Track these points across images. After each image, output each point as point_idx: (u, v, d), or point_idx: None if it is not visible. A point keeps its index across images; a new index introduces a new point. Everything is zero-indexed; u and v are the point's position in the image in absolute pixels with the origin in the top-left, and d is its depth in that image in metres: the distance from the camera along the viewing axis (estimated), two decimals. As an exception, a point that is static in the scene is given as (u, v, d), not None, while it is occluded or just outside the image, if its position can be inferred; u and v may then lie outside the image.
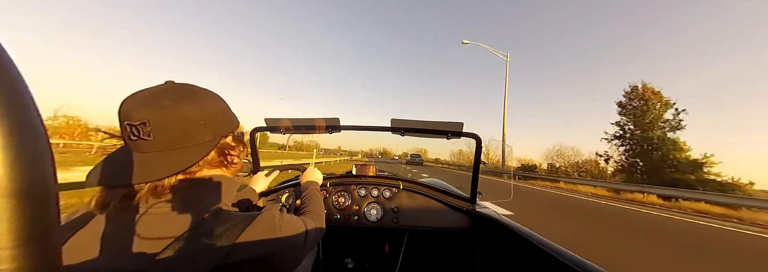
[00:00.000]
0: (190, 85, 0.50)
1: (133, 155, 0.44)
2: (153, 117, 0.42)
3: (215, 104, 0.50)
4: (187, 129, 0.45)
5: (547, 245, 0.83)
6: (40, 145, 0.20)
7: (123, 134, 0.45)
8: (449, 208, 1.41)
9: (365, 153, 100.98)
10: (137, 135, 0.43)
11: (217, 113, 0.50)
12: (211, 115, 0.48)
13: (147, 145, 0.43)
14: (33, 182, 0.19)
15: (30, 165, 0.19)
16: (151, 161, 0.43)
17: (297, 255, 0.51)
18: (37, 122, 0.20)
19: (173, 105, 0.44)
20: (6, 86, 0.19)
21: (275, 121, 1.33)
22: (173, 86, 0.47)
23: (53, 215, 0.21)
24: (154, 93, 0.45)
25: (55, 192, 0.21)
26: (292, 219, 0.54)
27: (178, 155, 0.45)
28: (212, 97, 0.51)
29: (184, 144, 0.45)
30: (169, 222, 0.42)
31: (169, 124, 0.43)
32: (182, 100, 0.45)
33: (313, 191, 0.87)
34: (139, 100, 0.43)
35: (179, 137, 0.45)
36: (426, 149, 67.28)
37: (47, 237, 0.20)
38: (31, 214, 0.19)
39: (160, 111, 0.43)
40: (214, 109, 0.50)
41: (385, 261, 1.71)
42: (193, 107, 0.46)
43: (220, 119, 0.51)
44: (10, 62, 0.19)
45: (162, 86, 0.47)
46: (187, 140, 0.45)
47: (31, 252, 0.19)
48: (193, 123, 0.46)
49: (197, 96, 0.48)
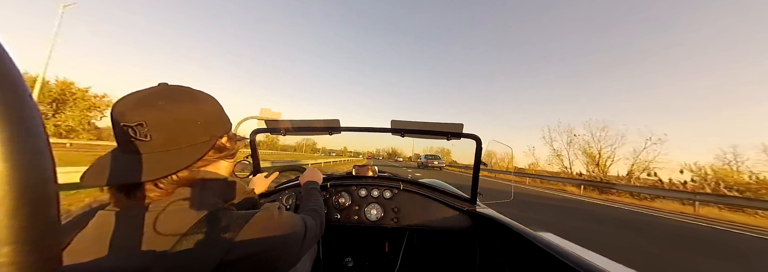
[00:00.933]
0: (184, 86, 0.50)
1: (129, 156, 0.44)
2: (149, 118, 0.42)
3: (210, 105, 0.51)
4: (183, 130, 0.46)
5: (547, 244, 0.83)
6: (40, 145, 0.20)
7: (117, 136, 0.45)
8: (449, 208, 1.42)
9: (371, 154, 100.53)
10: (134, 136, 0.43)
11: (213, 113, 0.51)
12: (206, 116, 0.49)
13: (144, 146, 0.43)
14: (33, 182, 0.19)
15: (30, 165, 0.19)
16: (149, 161, 0.43)
17: (296, 251, 0.52)
18: (37, 122, 0.20)
19: (169, 106, 0.44)
20: (6, 86, 0.19)
21: (275, 123, 1.33)
22: (167, 88, 0.48)
23: (53, 215, 0.21)
24: (147, 95, 0.45)
25: (55, 192, 0.21)
26: (290, 217, 0.54)
27: (176, 155, 0.45)
28: (207, 98, 0.51)
29: (180, 145, 0.46)
30: (167, 221, 0.43)
31: (166, 125, 0.44)
32: (178, 101, 0.46)
33: (312, 190, 0.88)
34: (133, 101, 0.44)
35: (176, 138, 0.45)
36: (448, 149, 56.35)
37: (47, 237, 0.20)
38: (32, 214, 0.19)
39: (156, 112, 0.43)
40: (209, 110, 0.50)
41: (385, 261, 1.71)
42: (189, 107, 0.47)
43: (216, 120, 0.51)
44: (11, 62, 0.19)
45: (155, 88, 0.47)
46: (183, 141, 0.46)
47: (32, 252, 0.19)
48: (190, 124, 0.46)
49: (192, 97, 0.48)
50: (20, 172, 0.18)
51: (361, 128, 1.43)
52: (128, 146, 0.44)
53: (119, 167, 0.43)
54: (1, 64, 0.19)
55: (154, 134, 0.43)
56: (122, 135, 0.44)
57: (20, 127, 0.19)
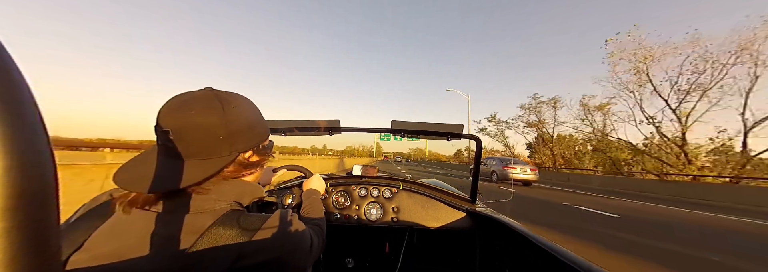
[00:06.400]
0: (228, 94, 0.49)
1: (158, 160, 0.45)
2: (177, 126, 0.43)
3: (242, 118, 0.49)
4: (204, 142, 0.45)
5: (547, 244, 0.83)
6: (40, 145, 0.20)
7: (156, 137, 0.46)
8: (449, 208, 1.42)
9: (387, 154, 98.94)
10: (164, 141, 0.45)
11: (241, 127, 0.49)
12: (233, 130, 0.47)
13: (170, 152, 0.45)
14: (33, 183, 0.19)
15: (30, 166, 0.19)
16: (170, 168, 0.44)
17: (305, 259, 0.51)
18: (38, 122, 0.20)
19: (197, 116, 0.44)
20: (6, 86, 0.19)
21: (275, 123, 1.33)
22: (208, 94, 0.47)
23: (54, 216, 0.21)
24: (187, 100, 0.45)
25: (56, 192, 0.21)
26: (300, 225, 0.54)
27: (194, 166, 0.45)
28: (243, 109, 0.50)
29: (200, 157, 0.45)
30: (182, 225, 0.43)
31: (189, 135, 0.44)
32: (208, 111, 0.45)
33: (315, 201, 0.87)
34: (172, 106, 0.45)
35: (196, 150, 0.45)
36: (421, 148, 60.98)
37: (48, 238, 0.20)
38: (32, 215, 0.19)
39: (183, 121, 0.44)
40: (238, 123, 0.48)
41: (386, 261, 1.71)
42: (216, 120, 0.45)
43: (243, 134, 0.49)
44: (11, 62, 0.19)
45: (199, 93, 0.47)
46: (203, 153, 0.46)
47: (32, 254, 0.19)
48: (212, 137, 0.45)
49: (227, 107, 0.47)
50: (20, 173, 0.18)
51: (362, 129, 1.43)
52: (160, 149, 0.46)
53: (145, 172, 0.44)
54: (1, 65, 0.19)
55: (177, 143, 0.44)
56: (157, 138, 0.46)
57: (20, 127, 0.19)
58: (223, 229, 0.44)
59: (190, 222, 0.44)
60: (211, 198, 0.47)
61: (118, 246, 0.41)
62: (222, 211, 0.47)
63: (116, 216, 0.45)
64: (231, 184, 0.50)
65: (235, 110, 0.48)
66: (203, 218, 0.44)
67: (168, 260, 0.40)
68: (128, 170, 0.45)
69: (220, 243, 0.42)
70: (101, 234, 0.43)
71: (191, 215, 0.44)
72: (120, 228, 0.43)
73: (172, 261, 0.40)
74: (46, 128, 0.21)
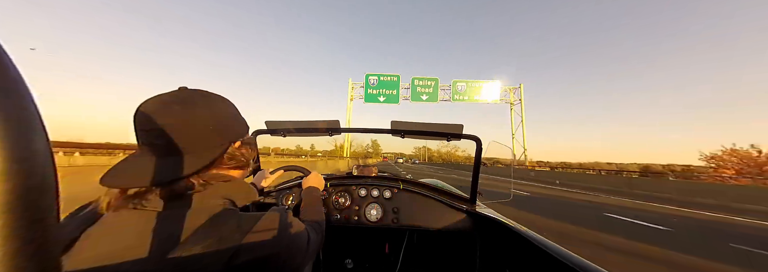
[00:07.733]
0: (202, 90, 0.51)
1: (146, 159, 0.45)
2: (165, 123, 0.44)
3: (225, 110, 0.52)
4: (196, 135, 0.47)
5: (546, 245, 0.83)
6: (40, 145, 0.20)
7: (137, 139, 0.47)
8: (449, 208, 1.42)
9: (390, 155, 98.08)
10: (150, 140, 0.45)
11: (227, 118, 0.52)
12: (220, 121, 0.50)
13: (159, 150, 0.45)
14: (33, 182, 0.19)
15: (30, 165, 0.19)
16: (162, 165, 0.45)
17: (301, 256, 0.52)
18: (37, 122, 0.20)
19: (184, 111, 0.46)
20: (6, 86, 0.19)
21: (276, 123, 1.33)
22: (184, 92, 0.49)
23: (53, 215, 0.21)
24: (165, 99, 0.47)
25: (55, 192, 0.21)
26: (296, 222, 0.55)
27: (188, 159, 0.46)
28: (223, 102, 0.53)
29: (193, 149, 0.47)
30: (177, 223, 0.43)
31: (179, 130, 0.45)
32: (192, 106, 0.47)
33: (314, 200, 0.88)
34: (152, 106, 0.45)
35: (189, 143, 0.46)
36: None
37: (47, 237, 0.20)
38: (31, 214, 0.19)
39: (170, 117, 0.45)
40: (223, 114, 0.51)
41: (386, 262, 1.71)
42: (202, 113, 0.48)
43: (230, 125, 0.52)
44: (11, 62, 0.19)
45: (174, 92, 0.49)
46: (196, 146, 0.47)
47: (31, 253, 0.19)
48: (203, 129, 0.47)
49: (208, 102, 0.50)
50: (20, 172, 0.18)
51: (362, 129, 1.43)
52: (146, 150, 0.46)
53: (136, 170, 0.44)
54: (1, 65, 0.19)
55: (167, 139, 0.44)
56: (141, 139, 0.46)
57: (20, 127, 0.19)
58: (218, 227, 0.44)
59: (186, 220, 0.44)
60: (206, 196, 0.47)
61: (117, 246, 0.40)
62: (217, 209, 0.47)
63: (108, 216, 0.44)
64: (226, 185, 0.51)
65: (219, 103, 0.51)
66: (199, 216, 0.45)
67: (166, 259, 0.40)
68: (118, 173, 0.45)
69: (216, 241, 0.42)
70: (96, 235, 0.42)
71: (187, 213, 0.45)
72: (115, 228, 0.43)
73: (170, 260, 0.40)
74: (46, 128, 0.21)
